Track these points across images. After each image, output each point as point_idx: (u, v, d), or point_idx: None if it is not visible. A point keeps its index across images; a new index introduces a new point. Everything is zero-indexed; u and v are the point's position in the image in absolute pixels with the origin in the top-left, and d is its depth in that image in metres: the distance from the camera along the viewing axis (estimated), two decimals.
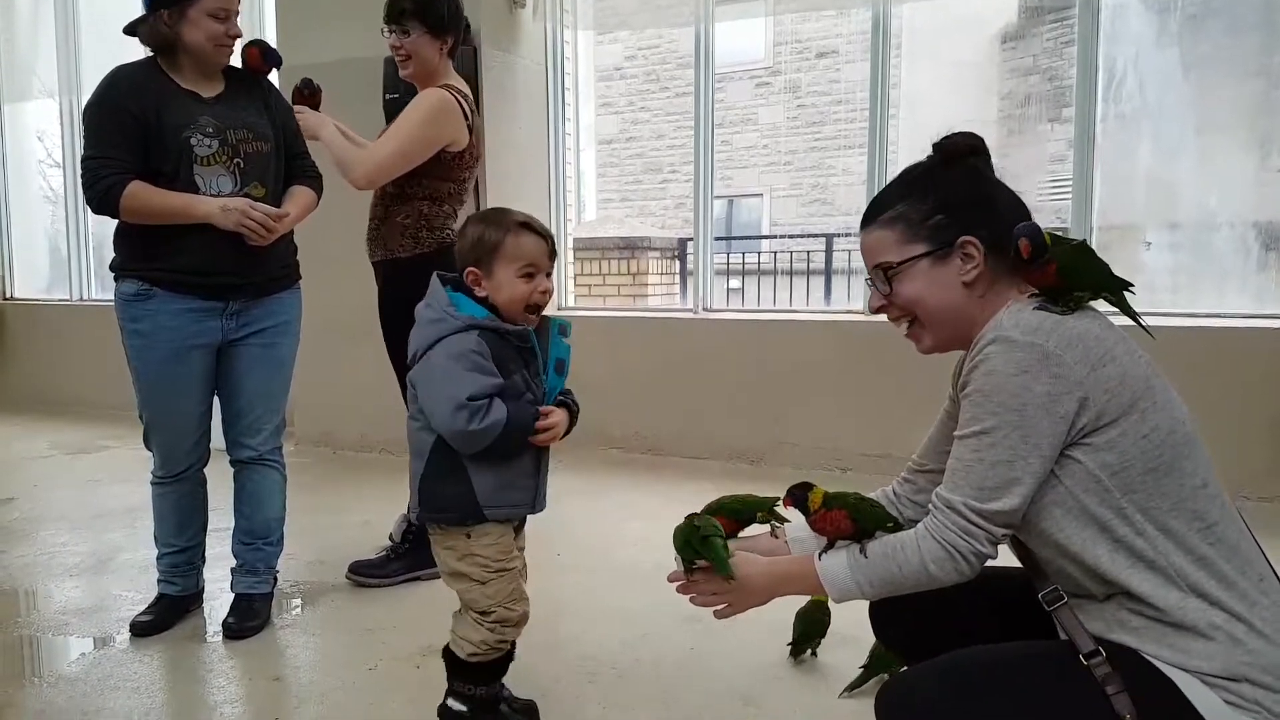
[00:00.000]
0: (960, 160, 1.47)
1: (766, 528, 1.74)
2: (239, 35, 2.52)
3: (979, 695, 1.31)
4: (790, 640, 2.43)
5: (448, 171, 2.94)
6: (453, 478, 1.91)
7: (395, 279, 2.98)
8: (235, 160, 2.50)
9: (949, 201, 1.44)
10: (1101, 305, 1.43)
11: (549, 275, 1.96)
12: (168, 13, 2.43)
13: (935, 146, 1.50)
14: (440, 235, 2.96)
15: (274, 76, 2.78)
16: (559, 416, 1.95)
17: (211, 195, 2.46)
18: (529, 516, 2.08)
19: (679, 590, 1.62)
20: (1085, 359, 1.29)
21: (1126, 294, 1.44)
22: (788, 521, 1.72)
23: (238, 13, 2.52)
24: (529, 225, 1.93)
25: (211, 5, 2.43)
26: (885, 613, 1.72)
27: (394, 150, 2.85)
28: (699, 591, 1.59)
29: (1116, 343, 1.33)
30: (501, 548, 1.97)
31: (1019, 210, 1.45)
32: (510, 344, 1.90)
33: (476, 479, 1.91)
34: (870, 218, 1.50)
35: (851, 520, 1.47)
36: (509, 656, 2.04)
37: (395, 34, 2.89)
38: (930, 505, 1.40)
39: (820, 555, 1.49)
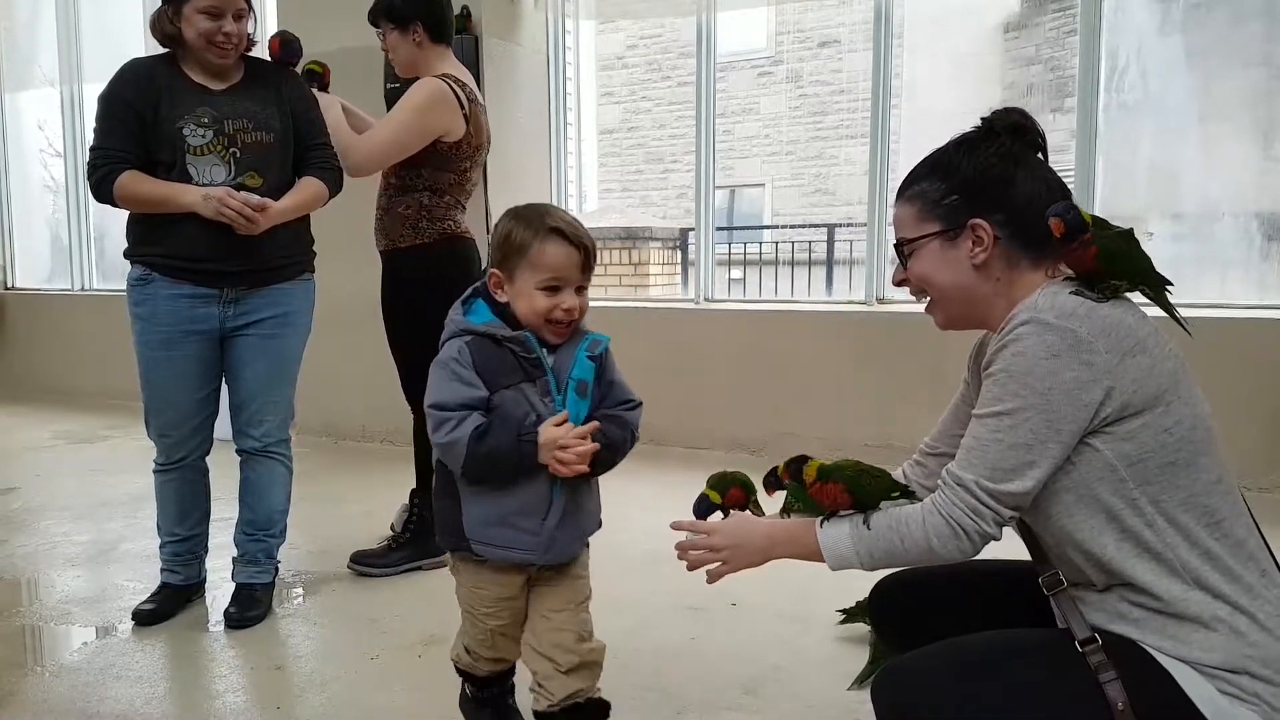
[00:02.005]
0: (994, 139, 1.45)
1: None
2: (236, 33, 2.49)
3: (972, 679, 1.32)
4: (847, 608, 2.48)
5: (445, 162, 2.94)
6: (445, 495, 1.73)
7: (396, 268, 3.01)
8: (231, 150, 2.50)
9: (966, 182, 1.42)
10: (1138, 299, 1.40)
11: (581, 290, 1.69)
12: (170, 9, 2.48)
13: (982, 119, 1.48)
14: (441, 226, 2.97)
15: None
16: (579, 444, 1.63)
17: (204, 185, 2.47)
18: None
19: (676, 547, 1.61)
20: (1116, 348, 1.28)
21: (1166, 291, 1.41)
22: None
23: (243, 13, 2.50)
24: (562, 232, 1.64)
25: (202, 3, 2.44)
26: (882, 610, 1.73)
27: (385, 139, 2.86)
28: (697, 545, 1.58)
29: (1148, 335, 1.31)
30: (478, 598, 1.77)
31: (1053, 192, 1.42)
32: (508, 353, 1.66)
33: (466, 504, 1.69)
34: (899, 191, 1.51)
35: (848, 493, 1.46)
36: (500, 682, 1.95)
37: (378, 36, 3.00)
38: (939, 481, 1.39)
39: (822, 522, 1.49)
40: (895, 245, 1.51)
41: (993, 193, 1.41)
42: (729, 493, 1.70)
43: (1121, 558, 1.30)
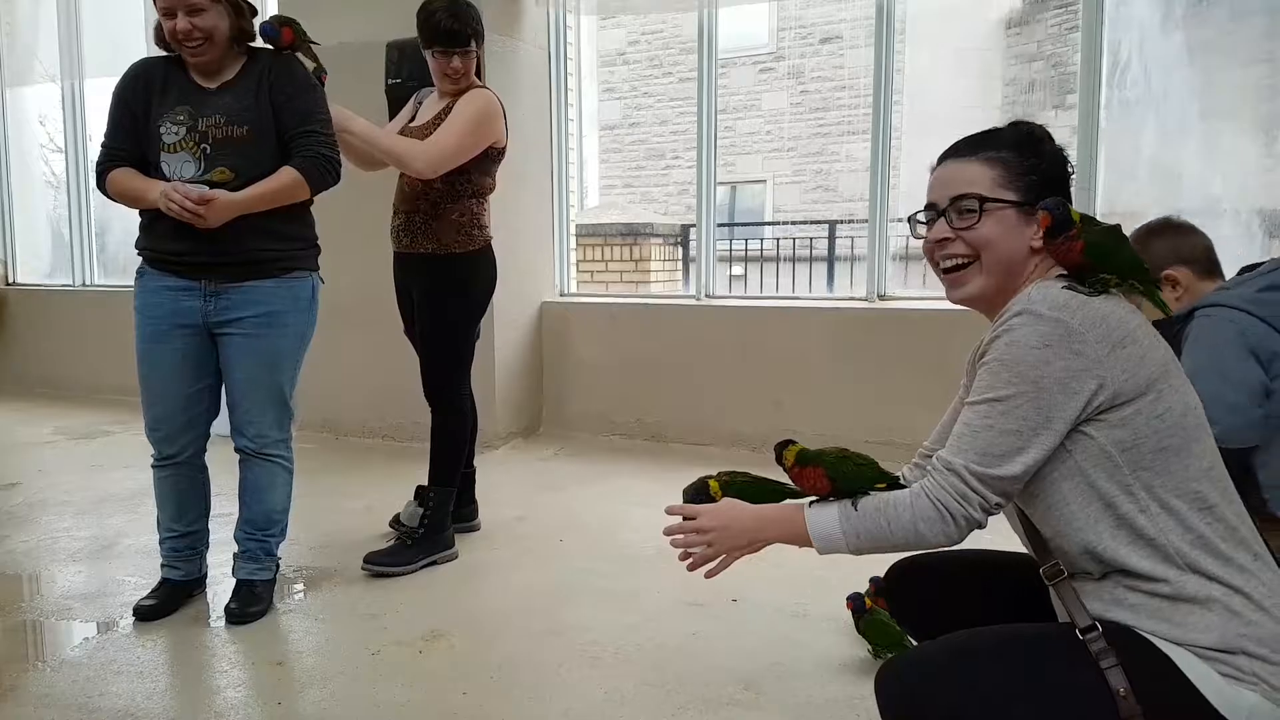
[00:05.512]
0: (1050, 141, 1.50)
1: None
2: (198, 28, 2.44)
3: (975, 670, 1.33)
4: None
5: (490, 167, 3.10)
6: None
7: (448, 271, 3.08)
8: (201, 146, 2.51)
9: (1046, 169, 1.47)
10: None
11: None
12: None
13: (1016, 122, 1.53)
14: (485, 233, 3.14)
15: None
16: None
17: (177, 180, 2.49)
18: None
19: (665, 533, 1.61)
20: (1106, 338, 1.31)
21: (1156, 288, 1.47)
22: None
23: (196, 8, 2.43)
24: None
25: (160, 4, 2.47)
26: (901, 589, 1.74)
27: (455, 144, 2.96)
28: (686, 529, 1.58)
29: (1138, 326, 1.35)
30: None
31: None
32: None
33: None
34: (971, 150, 1.49)
35: (829, 479, 1.48)
36: None
37: (458, 56, 3.01)
38: (930, 467, 1.42)
39: (811, 504, 1.51)
40: (962, 198, 1.45)
41: (1055, 190, 1.46)
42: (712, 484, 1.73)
43: (1116, 545, 1.33)
